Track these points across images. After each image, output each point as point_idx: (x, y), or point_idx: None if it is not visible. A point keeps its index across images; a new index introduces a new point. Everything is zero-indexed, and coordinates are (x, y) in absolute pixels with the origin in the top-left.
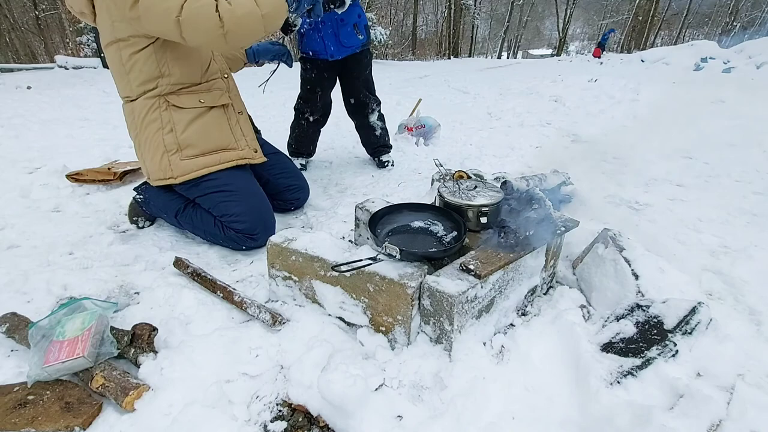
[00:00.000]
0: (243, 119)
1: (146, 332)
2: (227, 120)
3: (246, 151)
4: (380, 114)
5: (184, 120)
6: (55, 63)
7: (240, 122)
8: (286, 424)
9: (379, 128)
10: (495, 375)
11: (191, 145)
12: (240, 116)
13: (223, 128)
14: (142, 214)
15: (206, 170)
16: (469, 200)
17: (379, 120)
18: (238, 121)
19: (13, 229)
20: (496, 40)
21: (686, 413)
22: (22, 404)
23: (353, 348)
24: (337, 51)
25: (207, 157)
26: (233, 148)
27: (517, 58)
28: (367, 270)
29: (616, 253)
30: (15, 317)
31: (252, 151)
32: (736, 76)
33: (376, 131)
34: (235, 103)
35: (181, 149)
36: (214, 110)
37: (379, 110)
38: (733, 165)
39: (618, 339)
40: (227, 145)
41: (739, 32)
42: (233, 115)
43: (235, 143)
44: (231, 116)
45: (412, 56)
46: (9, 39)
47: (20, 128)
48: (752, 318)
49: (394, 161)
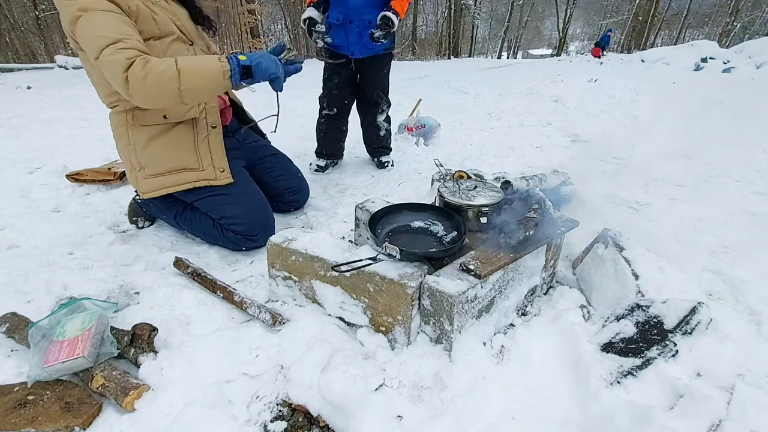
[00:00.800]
0: (214, 134)
1: (146, 332)
2: (194, 136)
3: (208, 172)
4: (388, 116)
5: (143, 139)
6: (55, 63)
7: (210, 138)
8: (286, 424)
9: (384, 129)
10: (495, 375)
11: (148, 165)
12: (212, 131)
13: (184, 147)
14: (141, 215)
15: (165, 191)
16: (469, 200)
17: (385, 121)
18: (207, 137)
19: (13, 229)
20: (496, 40)
21: (686, 413)
22: (22, 404)
23: (353, 348)
24: (359, 51)
25: (165, 177)
26: (193, 169)
27: (517, 58)
28: (367, 270)
29: (616, 253)
30: (15, 317)
31: (217, 171)
32: (736, 76)
33: (380, 131)
34: (210, 116)
35: (143, 168)
36: (180, 126)
37: (387, 112)
38: (733, 165)
39: (618, 339)
40: (187, 165)
41: (739, 32)
42: (203, 130)
43: (197, 162)
44: (200, 132)
45: (412, 56)
46: (9, 39)
47: (20, 128)
48: (752, 318)
49: (393, 162)
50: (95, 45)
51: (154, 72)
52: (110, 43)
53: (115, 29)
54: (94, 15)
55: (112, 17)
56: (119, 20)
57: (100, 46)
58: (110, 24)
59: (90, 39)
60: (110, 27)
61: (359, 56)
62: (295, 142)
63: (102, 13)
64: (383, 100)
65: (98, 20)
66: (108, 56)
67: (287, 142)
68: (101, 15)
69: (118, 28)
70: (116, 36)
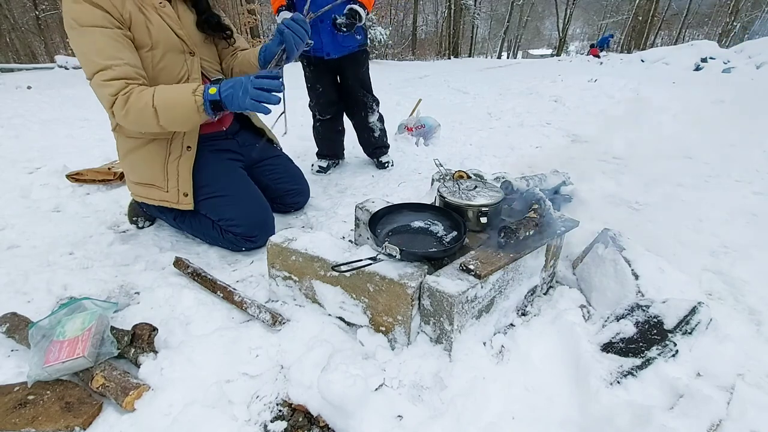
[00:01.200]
0: (186, 157)
1: (146, 332)
2: (165, 156)
3: (171, 194)
4: (380, 115)
5: (123, 148)
6: (55, 63)
7: (180, 160)
8: (286, 424)
9: (378, 129)
10: (495, 375)
11: (128, 172)
12: (186, 152)
13: (153, 165)
14: (142, 214)
15: (141, 199)
16: (469, 200)
17: (378, 121)
18: (178, 158)
19: (13, 229)
20: (496, 40)
21: (686, 413)
22: (23, 404)
23: (353, 348)
24: (334, 50)
25: (139, 187)
26: (159, 187)
27: (517, 58)
28: (367, 270)
29: (616, 253)
30: (15, 317)
31: (180, 195)
32: (736, 76)
33: (375, 132)
34: (188, 136)
35: (126, 173)
36: (155, 143)
37: (378, 110)
38: (733, 165)
39: (618, 339)
40: (154, 182)
41: (739, 32)
42: (177, 149)
43: (163, 183)
44: (173, 151)
45: (412, 56)
46: (9, 39)
47: (20, 128)
48: (752, 318)
49: (393, 161)
50: (86, 66)
51: (134, 109)
52: (99, 69)
53: (104, 52)
54: (86, 32)
55: (103, 35)
56: (108, 37)
57: (90, 71)
58: (100, 45)
59: (81, 58)
60: (99, 49)
61: (335, 56)
62: (295, 142)
63: (93, 30)
64: (369, 97)
65: (89, 39)
66: (96, 86)
67: (287, 142)
68: (89, 32)
69: (106, 51)
70: (104, 62)
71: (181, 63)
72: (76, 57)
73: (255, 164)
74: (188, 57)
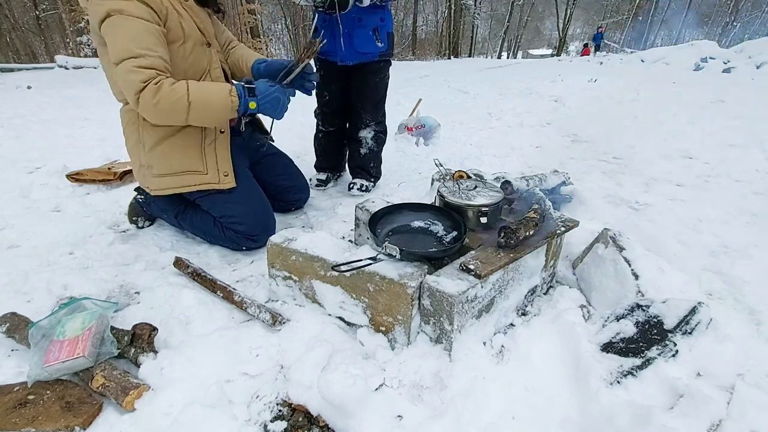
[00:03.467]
0: (222, 138)
1: (146, 332)
2: (201, 140)
3: (211, 176)
4: (377, 135)
5: (152, 140)
6: (55, 63)
7: (216, 143)
8: (286, 424)
9: (366, 147)
10: (495, 375)
11: (155, 165)
12: (220, 135)
13: (190, 151)
14: (142, 214)
15: (171, 191)
16: (469, 200)
17: (373, 140)
18: (215, 140)
19: (13, 229)
20: (496, 40)
21: (686, 413)
22: (23, 404)
23: (353, 348)
24: (349, 56)
25: (169, 178)
26: (197, 172)
27: (517, 58)
28: (367, 270)
29: (616, 253)
30: (15, 317)
31: (221, 174)
32: (736, 76)
33: (361, 148)
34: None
35: (150, 167)
36: (189, 129)
37: (376, 129)
38: (733, 165)
39: (618, 339)
40: (191, 168)
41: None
42: (211, 133)
43: (202, 165)
44: (207, 135)
45: (412, 56)
46: (9, 39)
47: (20, 128)
48: (752, 318)
49: (368, 188)
50: (117, 52)
51: (165, 101)
52: (131, 56)
53: (139, 41)
54: (125, 20)
55: (141, 25)
56: (146, 30)
57: (121, 56)
58: (136, 33)
59: (114, 43)
60: (135, 37)
61: (349, 62)
62: (295, 141)
63: (132, 19)
64: (367, 112)
65: (126, 26)
66: (125, 71)
67: (287, 141)
68: (130, 21)
69: (143, 40)
70: (138, 50)
71: (204, 55)
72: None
73: (256, 161)
74: (206, 48)
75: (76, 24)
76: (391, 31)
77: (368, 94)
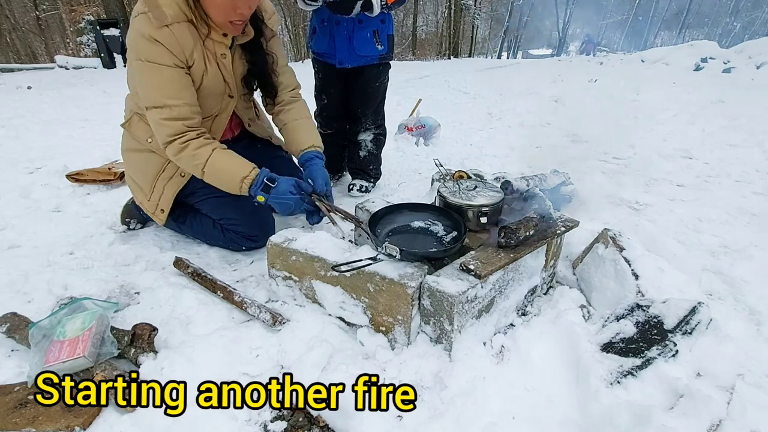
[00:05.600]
0: (175, 182)
1: (146, 332)
2: (158, 171)
3: (150, 204)
4: (377, 137)
5: (126, 144)
6: (55, 63)
7: (170, 182)
8: (286, 424)
9: (365, 150)
10: (495, 375)
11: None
12: (179, 177)
13: (146, 173)
14: (135, 216)
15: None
16: (469, 200)
17: (372, 142)
18: (169, 179)
19: (13, 229)
20: (496, 40)
21: (686, 413)
22: (23, 404)
23: (353, 348)
24: (348, 59)
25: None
26: (144, 193)
27: (517, 58)
28: (367, 270)
29: (616, 253)
30: (15, 317)
31: (158, 209)
32: (736, 76)
33: (360, 151)
34: None
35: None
36: (154, 156)
37: (375, 132)
38: (733, 165)
39: (618, 339)
40: (141, 184)
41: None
42: (171, 170)
43: (148, 191)
44: (167, 170)
45: (412, 56)
46: (10, 39)
47: (21, 129)
48: (752, 318)
49: (368, 189)
50: (145, 98)
51: (185, 162)
52: (158, 106)
53: (166, 90)
54: (151, 67)
55: (168, 73)
56: (173, 79)
57: (149, 103)
58: (163, 83)
59: (141, 87)
60: (162, 87)
61: (348, 65)
62: None
63: (159, 67)
64: (367, 117)
65: (154, 74)
66: (154, 121)
67: None
68: (158, 69)
69: (170, 89)
70: (165, 100)
71: (218, 103)
72: (137, 85)
73: (259, 166)
74: (226, 98)
75: (76, 24)
76: (391, 34)
77: (367, 98)
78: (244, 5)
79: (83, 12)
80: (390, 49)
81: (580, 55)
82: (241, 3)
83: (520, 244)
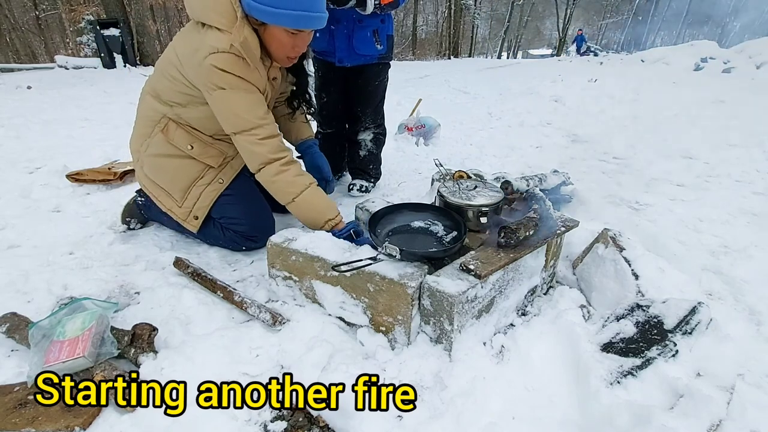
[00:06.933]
0: (213, 188)
1: (146, 332)
2: (196, 178)
3: (182, 211)
4: (377, 136)
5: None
6: (55, 63)
7: (207, 189)
8: (286, 424)
9: (365, 149)
10: (495, 375)
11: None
12: (217, 184)
13: (181, 180)
14: (136, 216)
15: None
16: (469, 200)
17: (372, 141)
18: (207, 185)
19: (13, 229)
20: (496, 40)
21: (686, 413)
22: (23, 404)
23: (353, 348)
24: (348, 57)
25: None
26: (174, 200)
27: (517, 58)
28: (367, 270)
29: (616, 253)
30: (15, 317)
31: (191, 216)
32: (736, 76)
33: (360, 150)
34: (225, 173)
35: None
36: (192, 162)
37: (375, 131)
38: (733, 165)
39: (618, 339)
40: (171, 191)
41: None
42: (209, 177)
43: (180, 198)
44: (205, 176)
45: (412, 56)
46: (9, 39)
47: (21, 128)
48: (752, 318)
49: (368, 189)
50: (233, 123)
51: (279, 185)
52: (252, 127)
53: (255, 111)
54: (235, 93)
55: (252, 96)
56: (257, 101)
57: (240, 127)
58: (251, 105)
59: (227, 114)
60: (250, 108)
61: (348, 64)
62: None
63: (243, 93)
64: (367, 116)
65: (238, 98)
66: (248, 143)
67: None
68: (243, 94)
69: (257, 110)
70: (257, 120)
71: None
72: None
73: None
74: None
75: (76, 24)
76: (391, 34)
77: (367, 98)
78: (303, 44)
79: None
80: (389, 50)
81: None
82: (300, 42)
83: (520, 244)
